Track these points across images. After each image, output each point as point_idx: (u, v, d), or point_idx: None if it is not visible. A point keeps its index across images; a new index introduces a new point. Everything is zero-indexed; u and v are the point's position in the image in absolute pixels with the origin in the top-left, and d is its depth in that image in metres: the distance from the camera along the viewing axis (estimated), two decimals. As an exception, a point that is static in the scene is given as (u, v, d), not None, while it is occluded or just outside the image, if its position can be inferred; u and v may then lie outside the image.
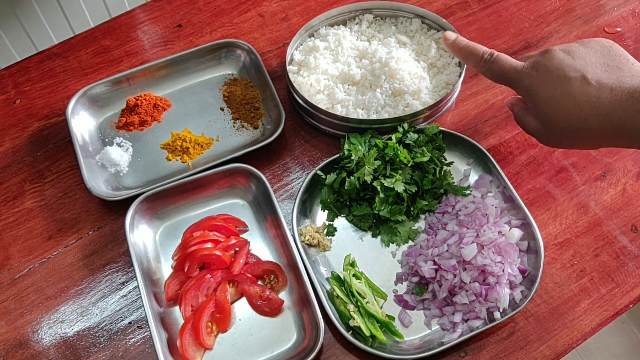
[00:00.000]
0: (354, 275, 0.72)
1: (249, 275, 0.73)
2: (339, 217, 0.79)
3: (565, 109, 0.64)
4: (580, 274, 0.74)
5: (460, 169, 0.81)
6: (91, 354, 0.70)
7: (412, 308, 0.72)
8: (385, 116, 0.81)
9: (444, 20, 0.88)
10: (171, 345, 0.68)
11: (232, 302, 0.72)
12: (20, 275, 0.76)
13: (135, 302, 0.73)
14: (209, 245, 0.73)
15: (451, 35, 0.77)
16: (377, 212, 0.75)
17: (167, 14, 1.01)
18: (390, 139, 0.78)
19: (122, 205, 0.78)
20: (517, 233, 0.73)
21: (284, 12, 1.01)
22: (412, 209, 0.77)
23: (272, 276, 0.73)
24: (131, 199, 0.75)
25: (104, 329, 0.71)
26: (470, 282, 0.68)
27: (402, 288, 0.73)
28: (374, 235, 0.77)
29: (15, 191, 0.82)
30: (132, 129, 0.87)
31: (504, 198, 0.77)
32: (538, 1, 1.01)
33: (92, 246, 0.77)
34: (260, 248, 0.76)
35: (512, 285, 0.70)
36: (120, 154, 0.83)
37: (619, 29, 0.97)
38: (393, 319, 0.71)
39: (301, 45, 0.90)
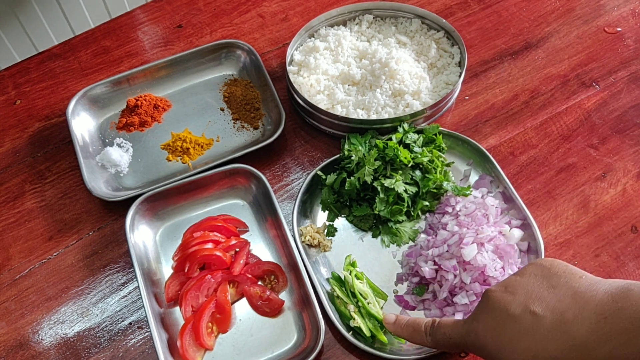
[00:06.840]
0: (355, 275, 0.72)
1: (249, 276, 0.73)
2: (339, 218, 0.79)
3: (525, 350, 0.52)
4: (580, 274, 0.74)
5: (460, 169, 0.81)
6: (91, 355, 0.70)
7: (413, 308, 0.72)
8: (386, 116, 0.81)
9: (444, 21, 0.88)
10: (171, 346, 0.68)
11: (233, 303, 0.72)
12: (21, 276, 0.76)
13: (136, 303, 0.73)
14: (210, 245, 0.73)
15: (390, 317, 0.66)
16: (377, 213, 0.75)
17: (167, 15, 1.01)
18: (390, 139, 0.78)
19: (123, 206, 0.78)
20: (517, 233, 0.73)
21: (284, 12, 1.01)
22: (412, 209, 0.77)
23: (273, 277, 0.73)
24: (131, 200, 0.75)
25: (105, 329, 0.72)
26: (470, 283, 0.68)
27: (402, 288, 0.73)
28: (374, 236, 0.77)
29: (15, 192, 0.82)
30: (132, 130, 0.87)
31: (504, 198, 0.77)
32: (538, 1, 1.01)
33: (93, 247, 0.77)
34: (261, 248, 0.76)
35: (512, 286, 0.70)
36: (120, 155, 0.83)
37: (619, 29, 0.97)
38: (393, 319, 0.71)
39: (301, 45, 0.90)
